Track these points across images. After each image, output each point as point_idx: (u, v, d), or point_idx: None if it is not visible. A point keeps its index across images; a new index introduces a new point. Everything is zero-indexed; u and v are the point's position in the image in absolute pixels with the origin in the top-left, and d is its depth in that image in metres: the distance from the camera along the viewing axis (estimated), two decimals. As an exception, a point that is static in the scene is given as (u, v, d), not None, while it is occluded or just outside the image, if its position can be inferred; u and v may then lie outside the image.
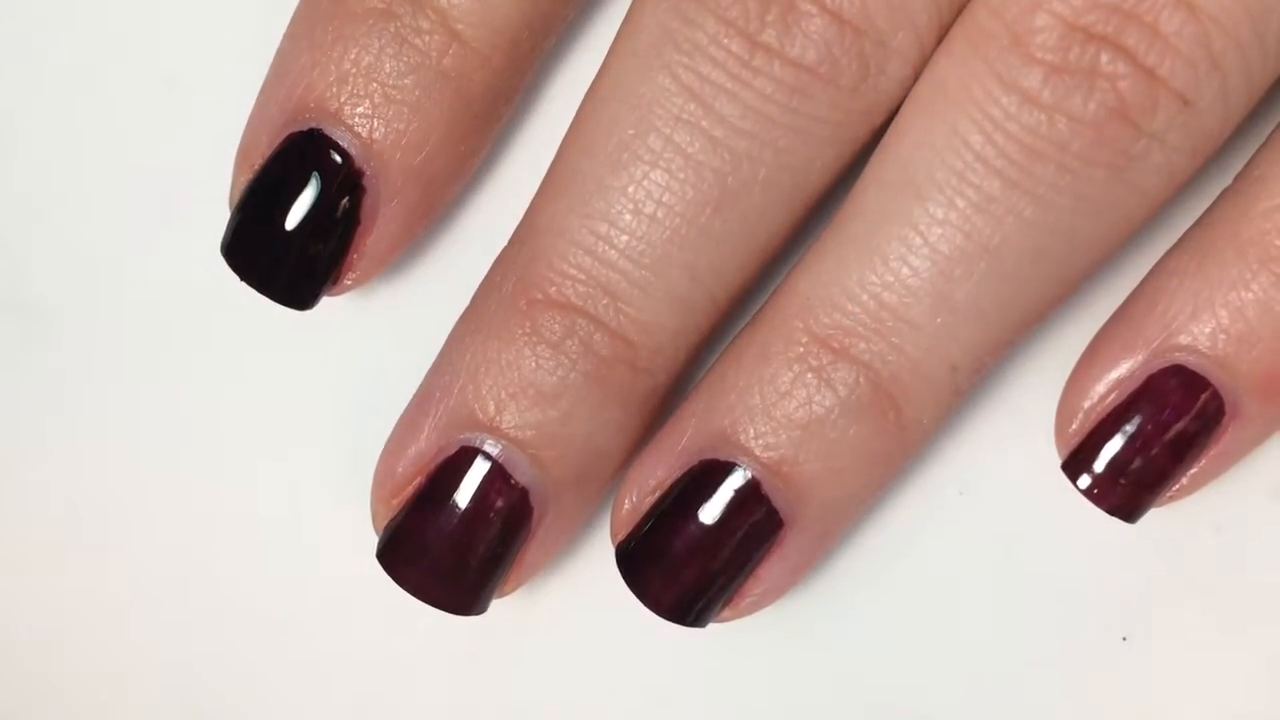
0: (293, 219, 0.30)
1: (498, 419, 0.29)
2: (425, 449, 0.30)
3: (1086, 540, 0.32)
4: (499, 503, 0.29)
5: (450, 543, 0.30)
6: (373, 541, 0.31)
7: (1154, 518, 0.32)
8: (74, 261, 0.34)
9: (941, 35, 0.28)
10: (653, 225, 0.28)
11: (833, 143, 0.28)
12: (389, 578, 0.30)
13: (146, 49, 0.33)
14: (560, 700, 0.33)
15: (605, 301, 0.29)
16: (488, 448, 0.29)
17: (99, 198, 0.33)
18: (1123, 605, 0.32)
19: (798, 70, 0.28)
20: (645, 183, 0.28)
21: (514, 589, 0.31)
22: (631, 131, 0.28)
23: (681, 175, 0.28)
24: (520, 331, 0.29)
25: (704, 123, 0.28)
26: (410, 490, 0.30)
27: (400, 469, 0.30)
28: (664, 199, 0.28)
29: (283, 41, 0.30)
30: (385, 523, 0.30)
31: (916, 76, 0.28)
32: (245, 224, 0.30)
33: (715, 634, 0.32)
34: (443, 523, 0.30)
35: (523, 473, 0.29)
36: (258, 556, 0.33)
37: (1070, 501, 0.32)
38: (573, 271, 0.29)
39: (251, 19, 0.32)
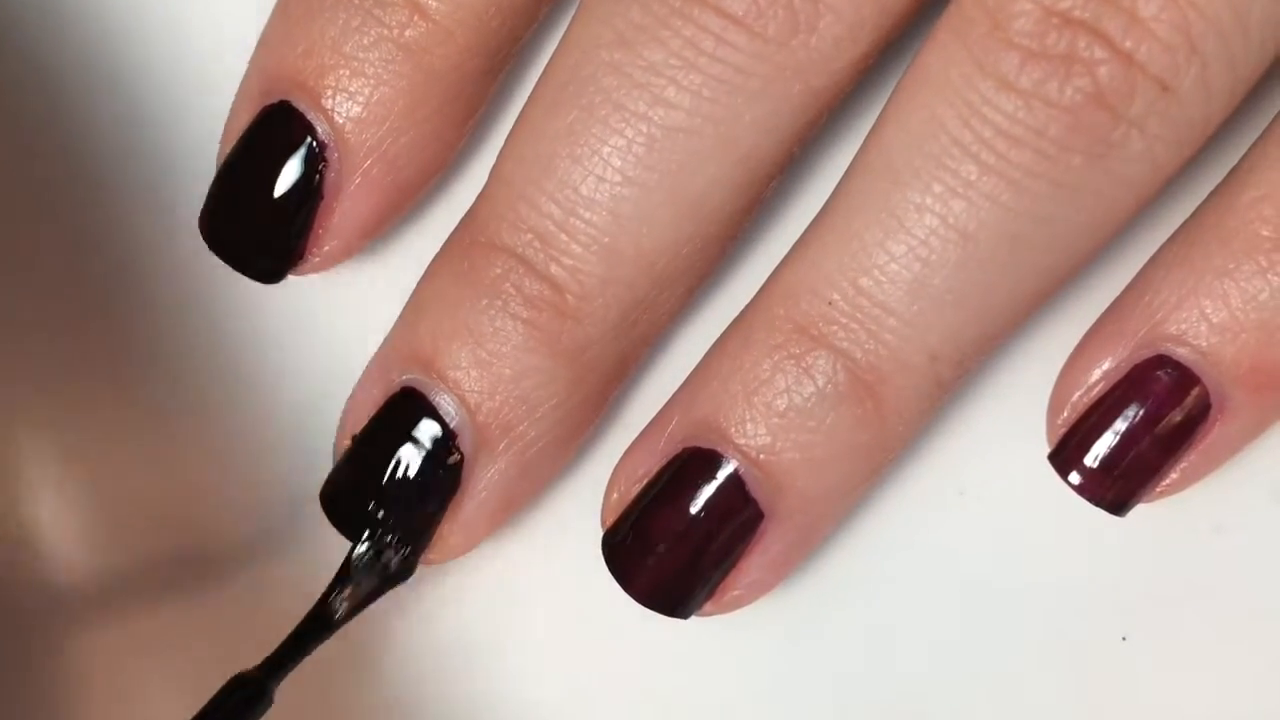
0: (261, 192, 0.30)
1: (434, 358, 0.30)
2: (375, 390, 0.30)
3: (1086, 540, 0.32)
4: (427, 444, 0.30)
5: (380, 487, 0.30)
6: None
7: (1154, 518, 0.32)
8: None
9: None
10: (575, 168, 0.29)
11: (761, 97, 0.28)
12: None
13: (145, 40, 0.34)
14: (545, 690, 0.33)
15: (535, 245, 0.29)
16: (424, 388, 0.30)
17: (94, 187, 0.34)
18: (1123, 605, 0.32)
19: (724, 20, 0.28)
20: (575, 127, 0.28)
21: (446, 556, 0.31)
22: (565, 78, 0.29)
23: (605, 120, 0.28)
24: (458, 272, 0.30)
25: (628, 69, 0.28)
26: (356, 432, 0.31)
27: (355, 410, 0.31)
28: (588, 143, 0.28)
29: (269, 16, 0.31)
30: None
31: (853, 37, 0.28)
32: (218, 197, 0.31)
33: (713, 634, 0.33)
34: (374, 464, 0.30)
35: (451, 415, 0.30)
36: (248, 548, 0.34)
37: (1070, 502, 0.32)
38: (508, 215, 0.29)
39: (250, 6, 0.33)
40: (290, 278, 0.31)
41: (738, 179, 0.29)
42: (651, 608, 0.30)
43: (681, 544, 0.29)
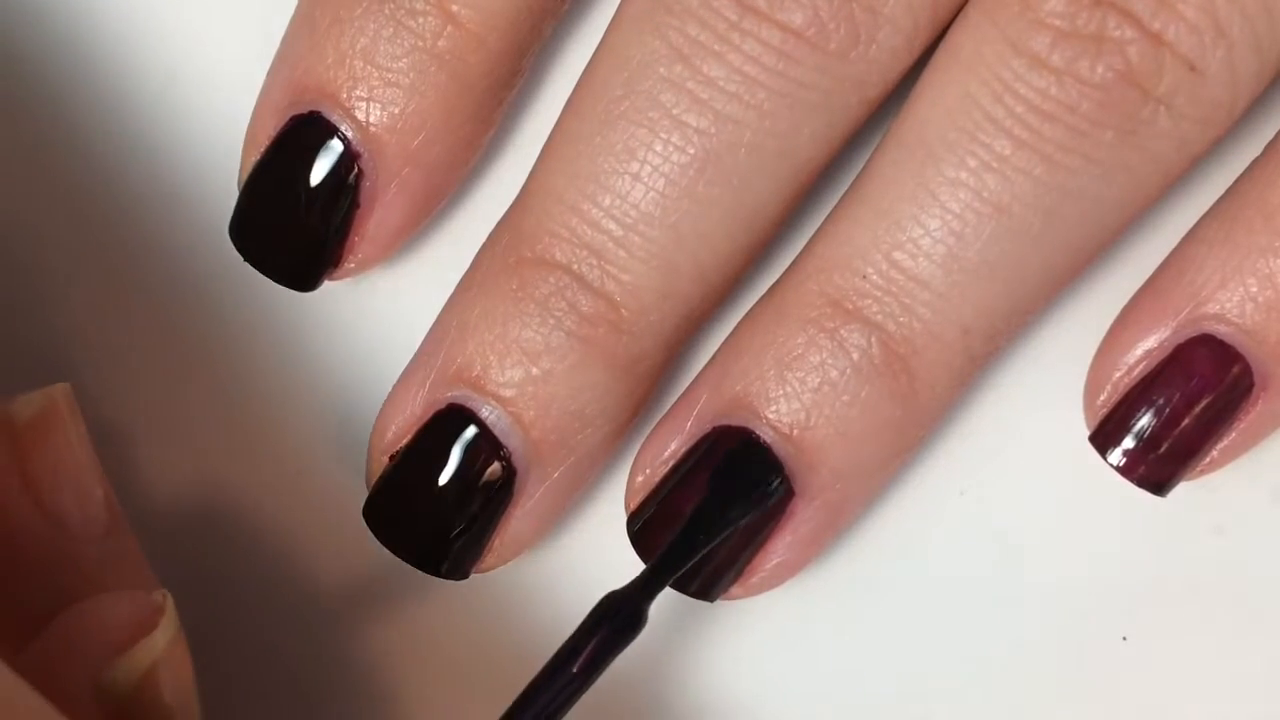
0: (295, 201, 0.30)
1: (482, 376, 0.29)
2: (415, 407, 0.30)
3: (1086, 540, 0.32)
4: (482, 462, 0.29)
5: (432, 501, 0.30)
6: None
7: (1154, 518, 0.32)
8: (75, 257, 0.34)
9: (935, 6, 0.28)
10: (636, 185, 0.28)
11: (821, 110, 0.28)
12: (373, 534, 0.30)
13: (147, 44, 0.34)
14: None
15: (591, 261, 0.29)
16: (472, 405, 0.29)
17: (100, 193, 0.34)
18: (1123, 605, 0.32)
19: (785, 34, 0.28)
20: (631, 143, 0.28)
21: (497, 563, 0.31)
22: (620, 93, 0.29)
23: (666, 136, 0.28)
24: (507, 289, 0.29)
25: (690, 84, 0.28)
26: (398, 448, 0.30)
27: (393, 427, 0.30)
28: (649, 159, 0.28)
29: (288, 25, 0.31)
30: (374, 480, 0.30)
31: (910, 47, 0.28)
32: (249, 206, 0.31)
33: (711, 633, 0.32)
34: (426, 481, 0.30)
35: (505, 432, 0.29)
36: (259, 548, 0.33)
37: (1070, 502, 0.32)
38: (560, 231, 0.29)
39: (253, 10, 0.33)
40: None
41: (793, 189, 0.29)
42: (679, 589, 0.30)
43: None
